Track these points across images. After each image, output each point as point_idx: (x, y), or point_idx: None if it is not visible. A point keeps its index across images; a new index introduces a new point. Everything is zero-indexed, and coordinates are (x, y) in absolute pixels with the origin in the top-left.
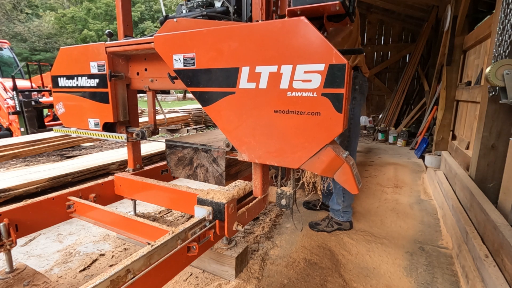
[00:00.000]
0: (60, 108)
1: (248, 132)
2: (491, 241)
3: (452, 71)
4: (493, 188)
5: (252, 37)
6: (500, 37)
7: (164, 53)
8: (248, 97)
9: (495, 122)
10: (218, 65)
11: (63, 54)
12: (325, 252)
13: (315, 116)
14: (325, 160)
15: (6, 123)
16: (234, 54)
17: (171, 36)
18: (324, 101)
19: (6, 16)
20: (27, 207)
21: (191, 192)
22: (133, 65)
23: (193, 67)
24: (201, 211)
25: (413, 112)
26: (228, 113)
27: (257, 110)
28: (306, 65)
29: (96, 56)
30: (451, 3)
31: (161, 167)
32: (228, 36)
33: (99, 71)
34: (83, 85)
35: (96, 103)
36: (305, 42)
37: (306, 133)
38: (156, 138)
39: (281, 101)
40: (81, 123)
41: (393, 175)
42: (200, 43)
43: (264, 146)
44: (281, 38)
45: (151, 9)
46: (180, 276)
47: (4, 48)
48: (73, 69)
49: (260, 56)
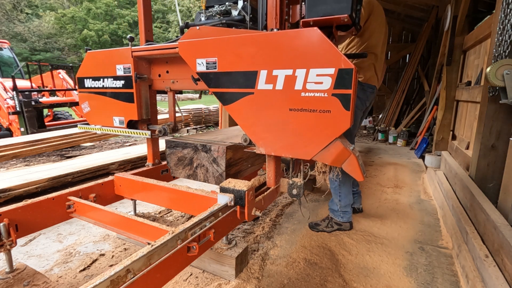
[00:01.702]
0: (85, 107)
1: (265, 128)
2: (491, 241)
3: (452, 71)
4: (493, 188)
5: (270, 44)
6: (500, 37)
7: (188, 58)
8: (266, 97)
9: (495, 122)
10: (238, 69)
11: (89, 58)
12: (325, 252)
13: (325, 114)
14: (334, 152)
15: (6, 123)
16: (253, 59)
17: (194, 42)
18: (334, 101)
19: (6, 16)
20: (27, 207)
21: (191, 192)
22: (155, 67)
23: (215, 70)
24: (223, 198)
25: (413, 112)
26: (247, 111)
27: (273, 108)
28: (318, 69)
29: (122, 59)
30: (451, 3)
31: (161, 167)
32: (248, 43)
33: (124, 73)
34: (109, 86)
35: (121, 103)
36: (318, 49)
37: (318, 128)
38: None
39: (296, 101)
40: (106, 121)
41: (393, 175)
42: (222, 49)
43: (280, 140)
44: (296, 45)
45: (151, 9)
46: (180, 276)
47: (4, 48)
48: (99, 71)
49: (277, 61)
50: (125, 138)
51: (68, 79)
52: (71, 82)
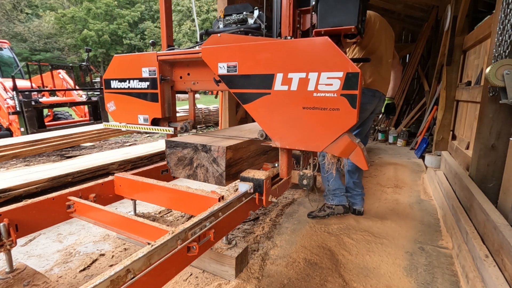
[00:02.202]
0: (111, 107)
1: (281, 124)
2: (491, 241)
3: (452, 71)
4: (493, 188)
5: (286, 50)
6: (500, 37)
7: (210, 62)
8: (282, 97)
9: (495, 122)
10: (257, 72)
11: (115, 61)
12: (325, 252)
13: (335, 111)
14: (342, 144)
15: (6, 123)
16: (270, 63)
17: (216, 48)
18: (342, 100)
19: (6, 16)
20: (27, 207)
21: (191, 192)
22: (177, 70)
23: (235, 73)
24: (244, 186)
25: (413, 112)
26: (264, 110)
27: (288, 107)
28: (329, 72)
29: (148, 63)
30: (451, 3)
31: (161, 167)
32: (266, 49)
33: (150, 75)
34: (134, 87)
35: (146, 102)
36: (328, 55)
37: (328, 124)
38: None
39: (308, 100)
40: (130, 119)
41: (393, 175)
42: (242, 54)
43: (294, 135)
44: (309, 52)
45: (151, 9)
46: (180, 276)
47: (4, 48)
48: (125, 74)
49: (292, 65)
50: (125, 138)
51: (68, 79)
52: (71, 82)
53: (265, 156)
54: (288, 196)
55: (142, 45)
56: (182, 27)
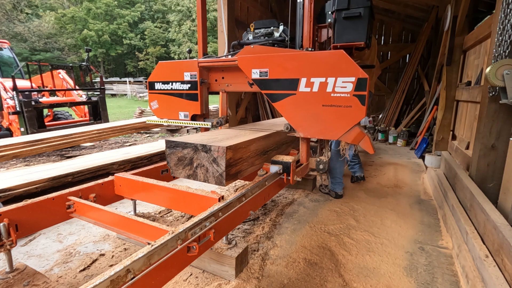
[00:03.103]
0: (154, 105)
1: (304, 118)
2: (491, 241)
3: (452, 71)
4: (493, 188)
5: (310, 60)
6: (500, 37)
7: (245, 68)
8: (305, 96)
9: (495, 122)
10: (284, 77)
11: (160, 66)
12: (325, 252)
13: (348, 108)
14: (353, 134)
15: (6, 123)
16: (296, 70)
17: (251, 57)
18: (354, 99)
19: (6, 16)
20: (27, 207)
21: (191, 192)
22: (213, 74)
23: (267, 77)
24: (274, 168)
25: (413, 112)
26: (290, 107)
27: (310, 104)
28: (344, 77)
29: (190, 68)
30: (451, 3)
31: (161, 167)
32: (293, 59)
33: (191, 79)
34: (177, 88)
35: (187, 101)
36: (343, 64)
37: (343, 118)
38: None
39: (327, 99)
40: (172, 115)
41: (393, 175)
42: (273, 63)
43: (315, 127)
44: (328, 61)
45: (151, 9)
46: (180, 276)
47: (4, 48)
48: (168, 77)
49: (314, 72)
50: (125, 138)
51: (68, 79)
52: (71, 82)
53: (265, 156)
54: (288, 196)
55: (142, 45)
56: (182, 27)
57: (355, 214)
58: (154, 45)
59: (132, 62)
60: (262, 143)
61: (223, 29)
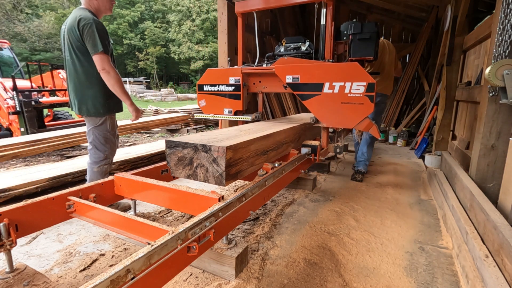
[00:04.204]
0: (202, 103)
1: (327, 112)
2: (491, 241)
3: (452, 71)
4: (493, 188)
5: (332, 69)
6: (500, 37)
7: (281, 75)
8: (328, 96)
9: (495, 122)
10: (312, 81)
11: (208, 72)
12: (325, 252)
13: (360, 105)
14: (364, 123)
15: (6, 123)
16: (321, 76)
17: (285, 66)
18: (365, 98)
19: (6, 16)
20: (27, 207)
21: (191, 192)
22: (251, 78)
23: (298, 82)
24: (304, 149)
25: (413, 112)
26: (316, 104)
27: (332, 102)
28: (357, 82)
29: (234, 74)
30: (451, 3)
31: (161, 167)
32: (319, 68)
33: (235, 82)
34: (223, 90)
35: (231, 100)
36: (357, 73)
37: (356, 112)
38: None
39: (345, 98)
40: (217, 111)
41: (393, 175)
42: (303, 71)
43: (335, 119)
44: (346, 70)
45: (151, 9)
46: (180, 276)
47: (4, 48)
48: (216, 81)
49: (335, 78)
50: (125, 138)
51: None
52: None
53: (265, 156)
54: (288, 196)
55: (142, 45)
56: (182, 27)
57: (355, 214)
58: (154, 45)
59: (132, 62)
60: (262, 143)
61: (223, 29)
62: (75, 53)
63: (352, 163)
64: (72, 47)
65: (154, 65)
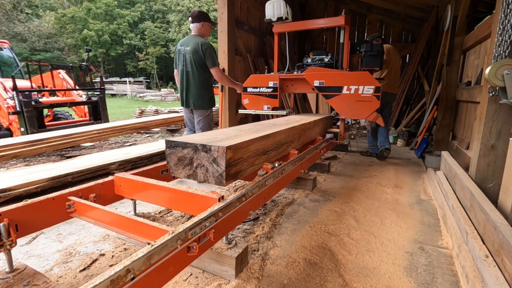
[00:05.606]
0: (246, 101)
1: (345, 108)
2: (491, 241)
3: (452, 71)
4: (493, 188)
5: (349, 76)
6: (500, 37)
7: (310, 80)
8: (346, 96)
9: (495, 122)
10: (334, 85)
11: (251, 78)
12: (325, 252)
13: (370, 102)
14: (373, 116)
15: (6, 123)
16: (341, 81)
17: (313, 73)
18: (373, 97)
19: (6, 16)
20: (27, 207)
21: (191, 192)
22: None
23: (323, 85)
24: (329, 135)
25: (413, 112)
26: (337, 101)
27: (349, 100)
28: (368, 86)
29: (273, 79)
30: (451, 3)
31: (161, 167)
32: (339, 75)
33: (273, 85)
34: (263, 91)
35: (269, 99)
36: (368, 79)
37: (367, 107)
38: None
39: (358, 97)
40: (258, 107)
41: (393, 175)
42: (327, 77)
43: (351, 112)
44: (359, 77)
45: (151, 9)
46: (180, 276)
47: (4, 48)
48: (258, 84)
49: (351, 82)
50: (125, 138)
51: (68, 79)
52: (71, 82)
53: (265, 156)
54: (288, 196)
55: (142, 45)
56: (182, 27)
57: (355, 214)
58: (154, 45)
59: (132, 62)
60: (262, 143)
61: (223, 29)
62: (196, 67)
63: (352, 164)
64: (195, 63)
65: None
